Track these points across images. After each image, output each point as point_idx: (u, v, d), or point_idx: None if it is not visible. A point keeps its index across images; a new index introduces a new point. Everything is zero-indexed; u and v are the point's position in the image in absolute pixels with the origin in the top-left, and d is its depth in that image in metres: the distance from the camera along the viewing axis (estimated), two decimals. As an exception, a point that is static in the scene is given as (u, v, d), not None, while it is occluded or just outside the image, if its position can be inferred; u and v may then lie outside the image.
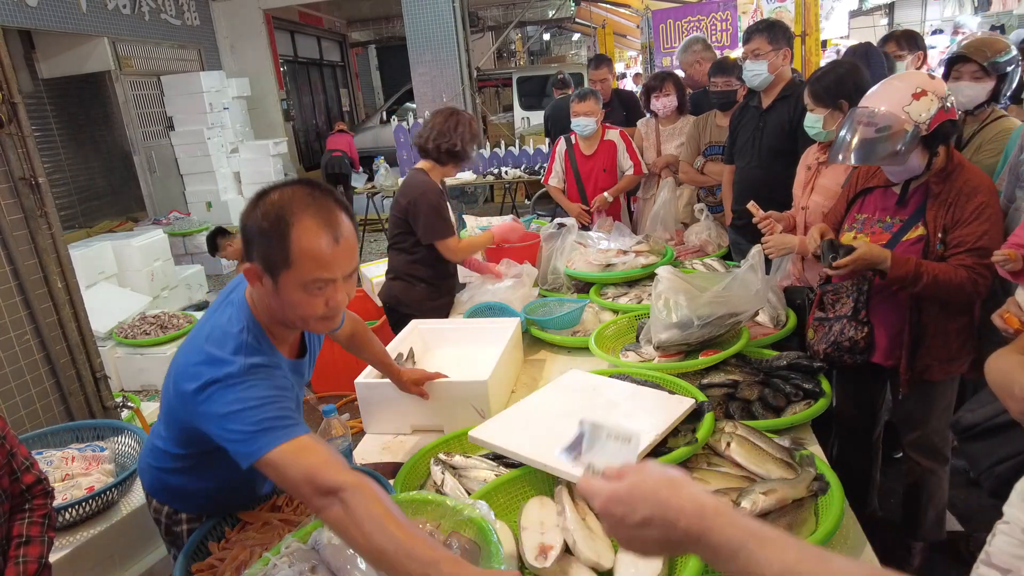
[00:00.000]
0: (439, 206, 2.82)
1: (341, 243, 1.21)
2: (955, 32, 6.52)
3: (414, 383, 1.87)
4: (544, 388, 1.82)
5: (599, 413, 1.61)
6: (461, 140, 2.82)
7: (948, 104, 1.87)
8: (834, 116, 2.33)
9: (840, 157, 1.95)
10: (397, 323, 2.95)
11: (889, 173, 2.04)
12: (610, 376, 1.86)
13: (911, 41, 3.42)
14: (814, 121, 2.41)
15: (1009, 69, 2.49)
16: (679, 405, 1.61)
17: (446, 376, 1.92)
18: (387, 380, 1.91)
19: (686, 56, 4.29)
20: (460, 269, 3.17)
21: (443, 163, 2.86)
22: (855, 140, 1.91)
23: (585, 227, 3.57)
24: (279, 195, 1.22)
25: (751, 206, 2.48)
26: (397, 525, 1.07)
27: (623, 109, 4.69)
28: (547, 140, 5.54)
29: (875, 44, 3.32)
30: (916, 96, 1.85)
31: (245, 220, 1.23)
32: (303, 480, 1.12)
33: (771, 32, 2.98)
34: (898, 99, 1.86)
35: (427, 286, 2.94)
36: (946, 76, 2.56)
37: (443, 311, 3.00)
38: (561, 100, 5.70)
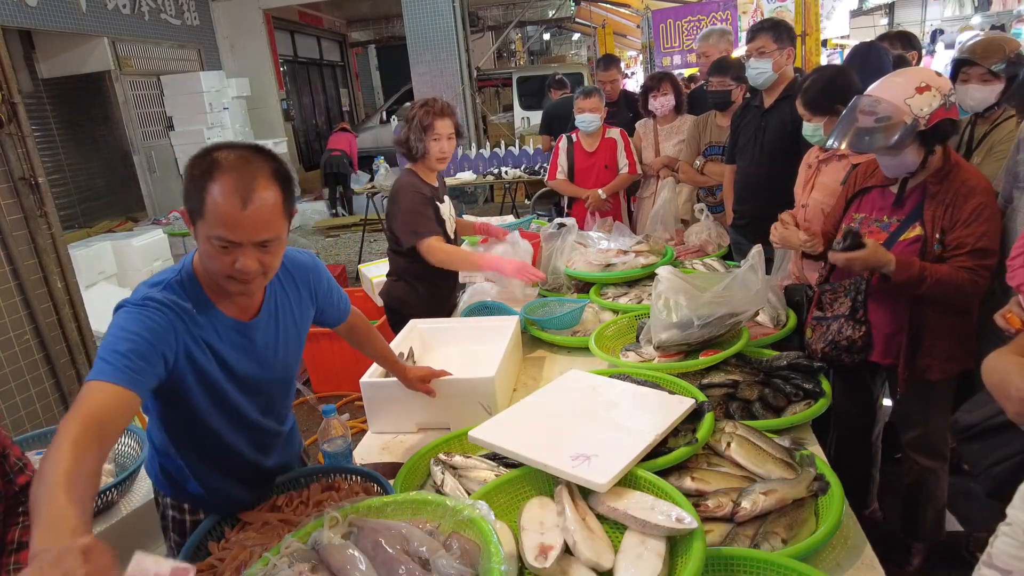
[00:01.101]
0: (412, 206, 2.67)
1: (249, 209, 1.22)
2: (1019, 21, 6.28)
3: (420, 379, 1.87)
4: (544, 388, 1.81)
5: (599, 413, 1.61)
6: (408, 131, 2.68)
7: (950, 103, 1.86)
8: (832, 122, 2.32)
9: (834, 143, 1.94)
10: (397, 324, 2.92)
11: (884, 168, 2.04)
12: (610, 376, 1.86)
13: (906, 41, 3.44)
14: (813, 130, 2.44)
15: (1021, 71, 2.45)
16: (679, 405, 1.61)
17: (451, 374, 1.92)
18: (393, 379, 1.91)
19: (719, 42, 4.22)
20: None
21: (413, 160, 2.74)
22: (852, 128, 1.91)
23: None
24: (223, 153, 1.26)
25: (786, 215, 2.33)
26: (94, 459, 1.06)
27: (629, 110, 4.68)
28: (546, 138, 5.59)
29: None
30: (920, 90, 1.84)
31: (189, 164, 1.28)
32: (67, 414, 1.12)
33: (776, 31, 2.99)
34: (901, 91, 1.86)
35: (428, 286, 2.85)
36: (953, 78, 2.55)
37: (446, 312, 2.95)
38: (560, 99, 5.81)
